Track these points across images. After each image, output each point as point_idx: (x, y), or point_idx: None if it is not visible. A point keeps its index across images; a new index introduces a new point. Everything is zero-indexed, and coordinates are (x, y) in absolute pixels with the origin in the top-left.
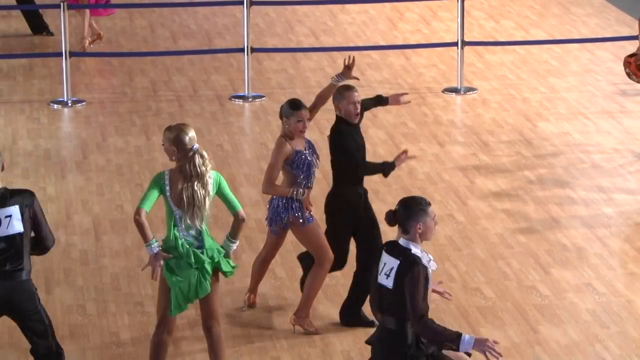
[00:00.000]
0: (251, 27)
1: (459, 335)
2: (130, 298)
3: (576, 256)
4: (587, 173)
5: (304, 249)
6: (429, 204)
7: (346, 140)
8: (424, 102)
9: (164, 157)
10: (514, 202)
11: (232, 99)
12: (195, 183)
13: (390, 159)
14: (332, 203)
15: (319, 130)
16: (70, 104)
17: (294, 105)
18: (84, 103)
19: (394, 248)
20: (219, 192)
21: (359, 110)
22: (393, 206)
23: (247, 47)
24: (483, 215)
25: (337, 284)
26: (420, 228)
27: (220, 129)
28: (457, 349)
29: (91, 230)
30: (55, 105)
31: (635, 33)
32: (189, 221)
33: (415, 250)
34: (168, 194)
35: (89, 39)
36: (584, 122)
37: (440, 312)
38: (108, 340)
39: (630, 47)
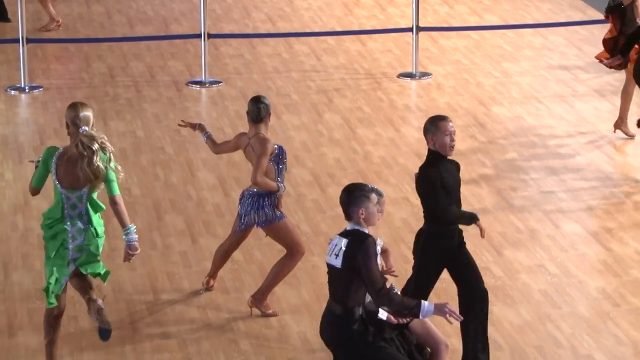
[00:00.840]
0: (208, 13)
1: (418, 303)
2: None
3: (529, 238)
4: (540, 156)
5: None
6: (374, 191)
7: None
8: (380, 86)
9: (121, 143)
10: (468, 185)
11: (189, 84)
12: (80, 164)
13: (345, 143)
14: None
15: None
16: (27, 90)
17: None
18: (41, 89)
19: (343, 232)
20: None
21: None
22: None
23: (204, 33)
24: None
25: (295, 268)
26: (362, 213)
27: (177, 114)
28: (418, 316)
29: None
30: (13, 92)
31: (587, 18)
32: (73, 201)
33: (364, 230)
34: (54, 170)
35: (50, 25)
36: (536, 106)
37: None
38: (66, 324)
39: (583, 31)
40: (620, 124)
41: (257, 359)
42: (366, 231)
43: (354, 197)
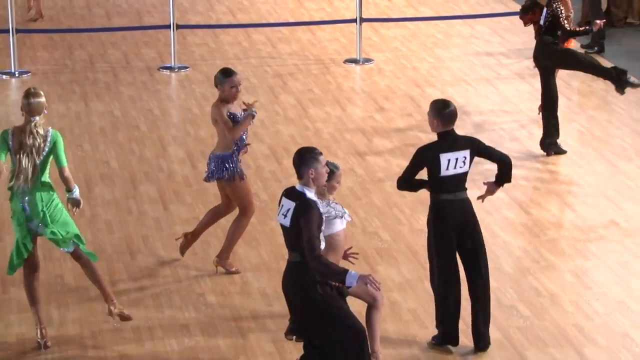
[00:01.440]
0: (176, 6)
1: (345, 271)
2: None
3: None
4: (469, 131)
5: None
6: (321, 154)
7: None
8: (328, 71)
9: (101, 121)
10: (407, 158)
11: (160, 69)
12: (25, 147)
13: (298, 121)
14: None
15: None
16: (17, 75)
17: (226, 73)
18: (30, 74)
19: (291, 192)
20: (53, 148)
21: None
22: None
23: (173, 24)
24: (380, 169)
25: (254, 230)
26: (312, 174)
27: (150, 96)
28: (344, 283)
29: None
30: (4, 76)
31: (509, 10)
32: (21, 177)
33: (310, 194)
34: (11, 148)
35: (35, 15)
36: (465, 87)
37: None
38: (54, 281)
39: (505, 22)
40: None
41: (222, 311)
42: (314, 196)
43: (305, 158)
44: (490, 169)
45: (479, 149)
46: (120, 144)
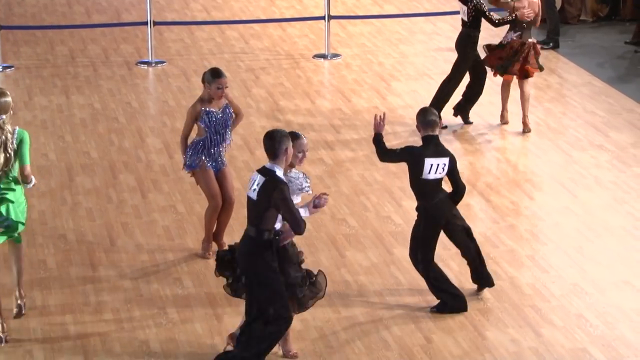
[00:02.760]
0: (153, 4)
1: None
2: (55, 231)
3: None
4: None
5: None
6: (289, 135)
7: None
8: (298, 66)
9: (81, 113)
10: (372, 148)
11: (138, 64)
12: None
13: (270, 113)
14: None
15: None
16: (1, 69)
17: (216, 74)
18: (13, 68)
19: (263, 169)
20: (20, 145)
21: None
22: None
23: (150, 20)
24: (347, 158)
25: (229, 218)
26: (285, 153)
27: (128, 90)
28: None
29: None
30: None
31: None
32: None
33: (279, 172)
34: None
35: None
36: (428, 81)
37: (313, 239)
38: (37, 266)
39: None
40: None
41: (198, 293)
42: (282, 175)
43: (276, 139)
44: None
45: (452, 165)
46: (100, 135)
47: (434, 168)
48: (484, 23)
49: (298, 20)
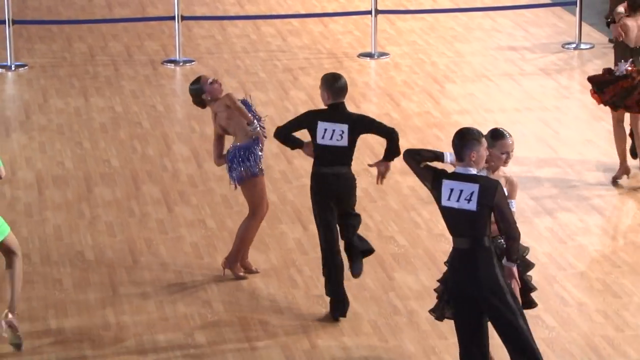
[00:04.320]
0: None
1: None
2: (71, 248)
3: None
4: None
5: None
6: (482, 135)
7: None
8: (341, 66)
9: (101, 117)
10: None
11: (164, 63)
12: None
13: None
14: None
15: None
16: (13, 68)
17: (195, 81)
18: (27, 67)
19: (461, 176)
20: None
21: None
22: (312, 161)
23: (178, 15)
24: (396, 169)
25: (263, 233)
26: (473, 156)
27: (153, 91)
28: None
29: (34, 185)
30: (0, 70)
31: (533, 2)
32: None
33: (480, 173)
34: None
35: None
36: (487, 83)
37: None
38: (51, 286)
39: (529, 14)
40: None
41: (229, 319)
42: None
43: (466, 140)
44: None
45: (364, 126)
46: (122, 142)
47: (329, 134)
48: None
49: (341, 15)
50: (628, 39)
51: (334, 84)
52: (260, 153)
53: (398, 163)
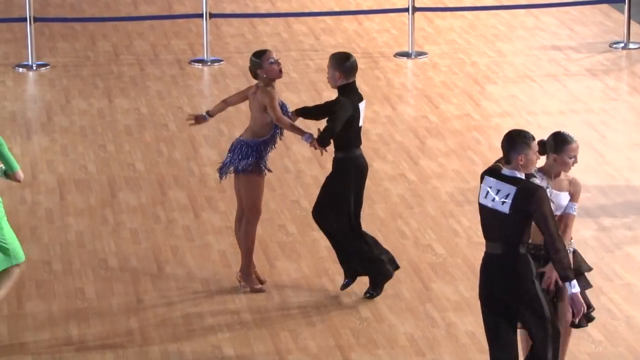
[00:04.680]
0: None
1: (572, 273)
2: (94, 255)
3: None
4: (534, 133)
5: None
6: (533, 139)
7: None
8: (377, 65)
9: (126, 119)
10: (463, 162)
11: (192, 63)
12: None
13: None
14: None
15: None
16: (34, 68)
17: (258, 53)
18: (48, 67)
19: (502, 176)
20: None
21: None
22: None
23: (206, 12)
24: (434, 174)
25: (294, 241)
26: (522, 160)
27: (180, 92)
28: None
29: (56, 190)
30: (20, 69)
31: None
32: None
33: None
34: None
35: None
36: (530, 84)
37: None
38: (73, 295)
39: (574, 12)
40: None
41: (259, 331)
42: (522, 177)
43: (516, 143)
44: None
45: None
46: (147, 144)
47: (362, 116)
48: None
49: (377, 13)
50: None
51: (345, 63)
52: (266, 154)
53: (437, 168)
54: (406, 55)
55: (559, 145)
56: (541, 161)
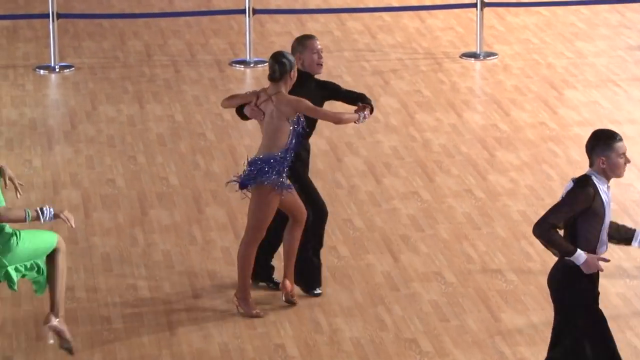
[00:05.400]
0: None
1: (574, 250)
2: (122, 280)
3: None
4: None
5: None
6: (620, 140)
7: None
8: (440, 68)
9: (158, 127)
10: (538, 177)
11: (233, 64)
12: None
13: (403, 130)
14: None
15: None
16: (57, 70)
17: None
18: (73, 68)
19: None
20: None
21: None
22: (405, 180)
23: (249, 8)
24: (504, 191)
25: (347, 265)
26: (603, 163)
27: (219, 97)
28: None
29: (80, 206)
30: (42, 71)
31: None
32: None
33: (597, 181)
34: None
35: None
36: (613, 89)
37: (458, 295)
38: (99, 325)
39: None
40: None
41: None
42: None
43: (596, 143)
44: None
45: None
46: (182, 156)
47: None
48: None
49: (441, 9)
50: None
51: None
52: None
53: (508, 183)
54: (474, 56)
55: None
56: None
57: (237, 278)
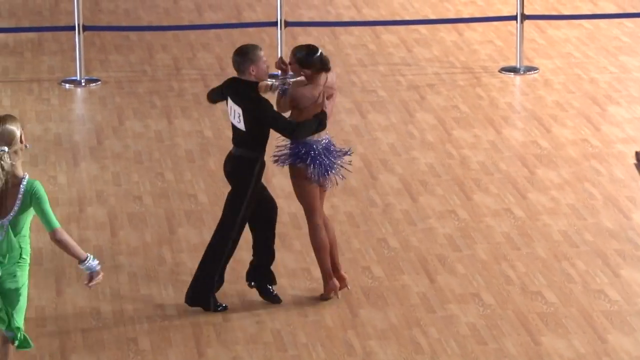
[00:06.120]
0: None
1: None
2: (149, 301)
3: None
4: None
5: None
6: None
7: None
8: (479, 82)
9: (187, 144)
10: (580, 196)
11: None
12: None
13: (439, 147)
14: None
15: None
16: (83, 84)
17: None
18: (99, 82)
19: None
20: (35, 207)
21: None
22: (442, 198)
23: (281, 20)
24: (545, 210)
25: (381, 286)
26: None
27: None
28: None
29: (106, 225)
30: (67, 85)
31: None
32: None
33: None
34: None
35: None
36: None
37: (497, 318)
38: (125, 347)
39: None
40: None
41: None
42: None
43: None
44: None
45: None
46: (212, 173)
47: (232, 113)
48: None
49: (480, 21)
50: None
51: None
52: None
53: (548, 202)
54: (513, 70)
55: None
56: None
57: (324, 274)
